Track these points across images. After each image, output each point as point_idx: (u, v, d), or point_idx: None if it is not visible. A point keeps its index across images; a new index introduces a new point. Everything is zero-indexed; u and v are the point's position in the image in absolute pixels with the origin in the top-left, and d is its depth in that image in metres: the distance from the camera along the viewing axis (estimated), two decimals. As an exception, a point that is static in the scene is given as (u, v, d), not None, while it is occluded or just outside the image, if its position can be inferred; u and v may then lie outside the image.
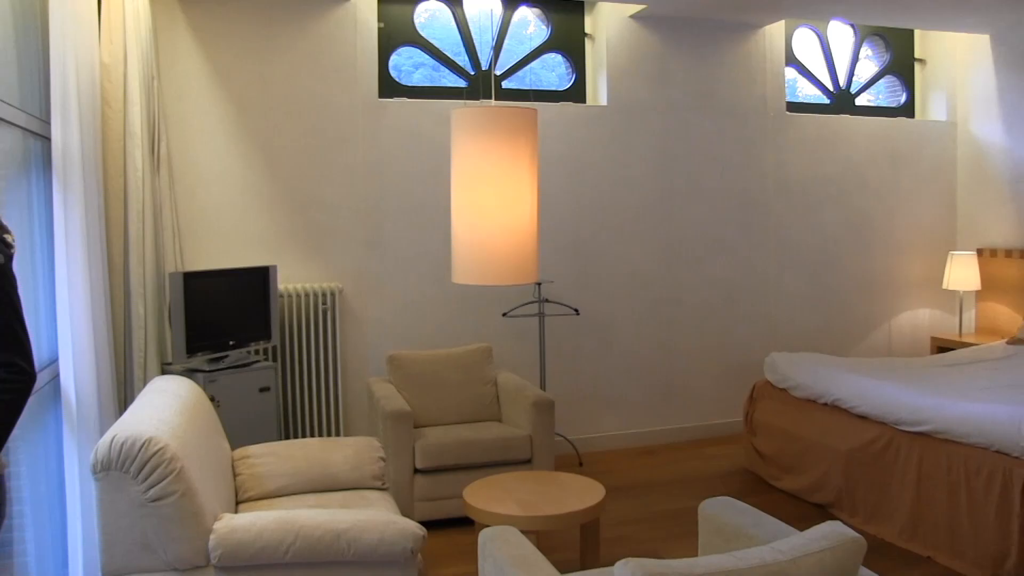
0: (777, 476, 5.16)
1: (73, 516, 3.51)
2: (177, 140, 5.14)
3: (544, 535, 4.43)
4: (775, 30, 6.47)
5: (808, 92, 6.85)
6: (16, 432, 1.89)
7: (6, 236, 1.90)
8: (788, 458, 5.06)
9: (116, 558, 2.67)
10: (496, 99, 5.85)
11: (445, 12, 5.85)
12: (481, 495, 3.79)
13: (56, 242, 3.45)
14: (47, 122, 3.59)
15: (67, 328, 3.43)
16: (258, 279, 4.88)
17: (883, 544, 4.26)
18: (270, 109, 5.36)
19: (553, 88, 6.15)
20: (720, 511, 2.80)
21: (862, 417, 4.62)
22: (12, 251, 1.90)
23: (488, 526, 3.28)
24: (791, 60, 6.67)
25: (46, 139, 3.61)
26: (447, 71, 5.89)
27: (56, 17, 3.48)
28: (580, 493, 3.81)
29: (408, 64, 5.83)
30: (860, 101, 6.97)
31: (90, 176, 3.68)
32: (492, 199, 3.53)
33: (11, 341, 1.84)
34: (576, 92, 6.18)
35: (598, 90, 6.15)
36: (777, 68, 6.52)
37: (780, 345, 6.52)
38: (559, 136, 5.94)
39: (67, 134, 3.50)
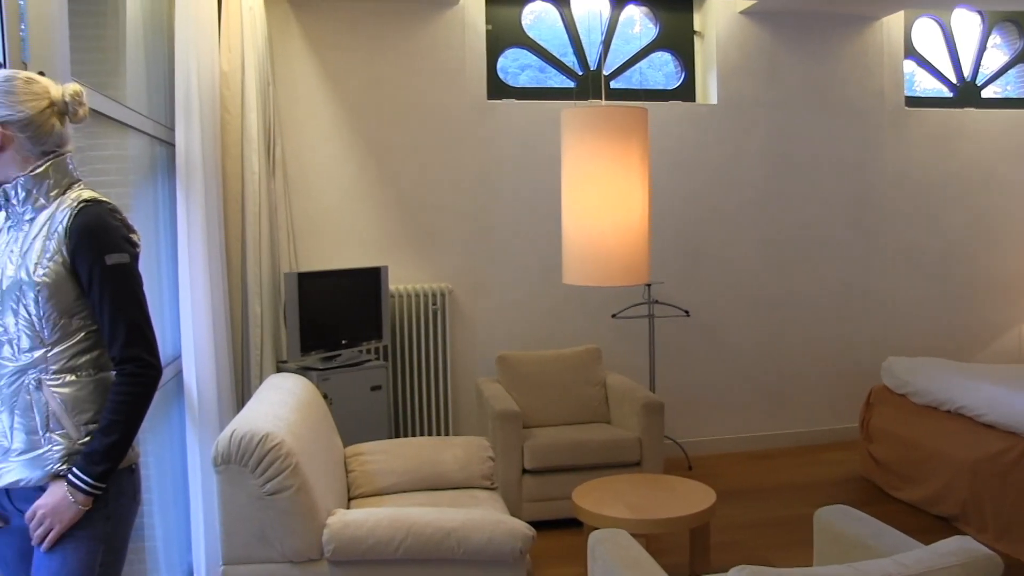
0: (896, 485, 4.96)
1: (195, 505, 3.64)
2: (291, 143, 5.28)
3: (653, 539, 4.37)
4: (894, 21, 6.23)
5: (928, 85, 6.57)
6: (144, 424, 1.97)
7: (132, 236, 1.97)
8: (908, 467, 4.86)
9: (236, 548, 2.76)
10: (604, 99, 5.82)
11: (552, 13, 5.84)
12: (590, 497, 3.76)
13: (179, 243, 3.59)
14: (171, 129, 3.73)
15: (189, 326, 3.56)
16: (370, 279, 4.97)
17: (1018, 565, 4.00)
18: (381, 112, 5.46)
19: (660, 87, 6.07)
20: (837, 520, 2.70)
21: (989, 426, 4.39)
22: (138, 250, 1.98)
23: (597, 528, 3.25)
24: (910, 52, 6.42)
25: (170, 145, 3.76)
26: (553, 72, 5.88)
27: (181, 30, 3.63)
28: (690, 497, 3.75)
29: (514, 66, 5.85)
30: (987, 93, 6.64)
31: (211, 180, 3.81)
32: (603, 199, 3.51)
33: (138, 337, 1.92)
34: (685, 91, 6.08)
35: (708, 88, 6.05)
36: (895, 61, 6.28)
37: (898, 349, 6.26)
38: (668, 135, 5.86)
39: (189, 140, 3.63)
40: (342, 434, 3.84)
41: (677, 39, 6.07)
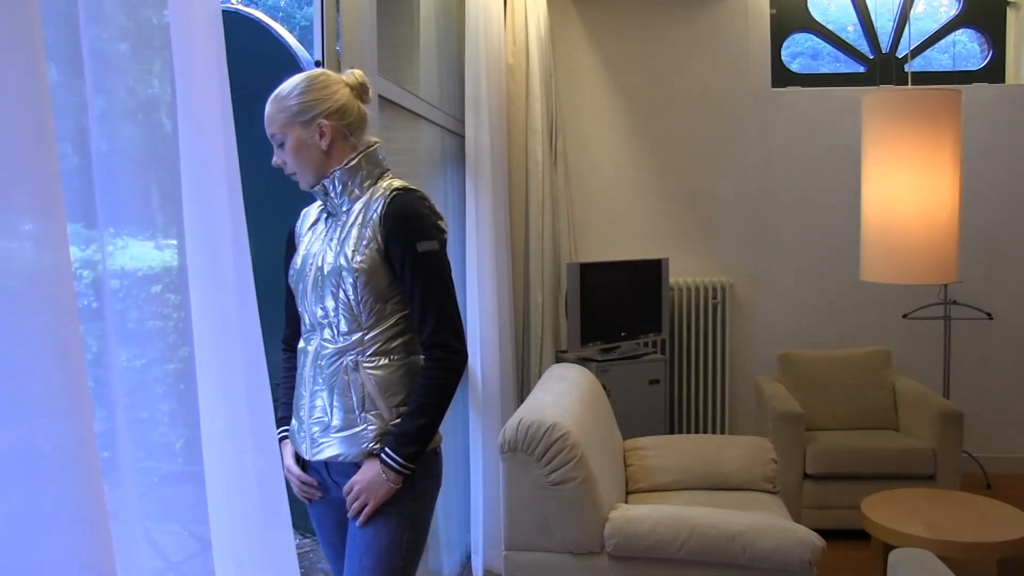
0: None
1: (476, 488, 3.76)
2: (572, 134, 5.33)
3: (952, 564, 4.00)
4: None
5: None
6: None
7: (440, 223, 2.03)
8: None
9: (518, 534, 2.80)
10: (898, 84, 5.40)
11: (840, -7, 5.52)
12: (883, 510, 3.50)
13: (467, 231, 3.71)
14: (460, 120, 3.86)
15: (476, 313, 3.67)
16: (650, 272, 4.91)
17: None
18: (661, 102, 5.38)
19: (947, 69, 5.55)
20: None
21: None
22: (446, 237, 2.03)
23: (889, 544, 3.02)
24: None
25: (458, 136, 3.90)
26: (828, 59, 5.56)
27: (471, 26, 3.75)
28: (999, 521, 3.39)
29: (785, 54, 5.56)
30: None
31: (497, 170, 3.91)
32: (909, 192, 3.25)
33: (446, 324, 1.97)
34: (992, 71, 5.52)
35: (1021, 67, 5.45)
36: None
37: None
38: (972, 120, 5.31)
39: (478, 131, 3.75)
40: (619, 427, 3.82)
41: (984, 14, 5.52)
